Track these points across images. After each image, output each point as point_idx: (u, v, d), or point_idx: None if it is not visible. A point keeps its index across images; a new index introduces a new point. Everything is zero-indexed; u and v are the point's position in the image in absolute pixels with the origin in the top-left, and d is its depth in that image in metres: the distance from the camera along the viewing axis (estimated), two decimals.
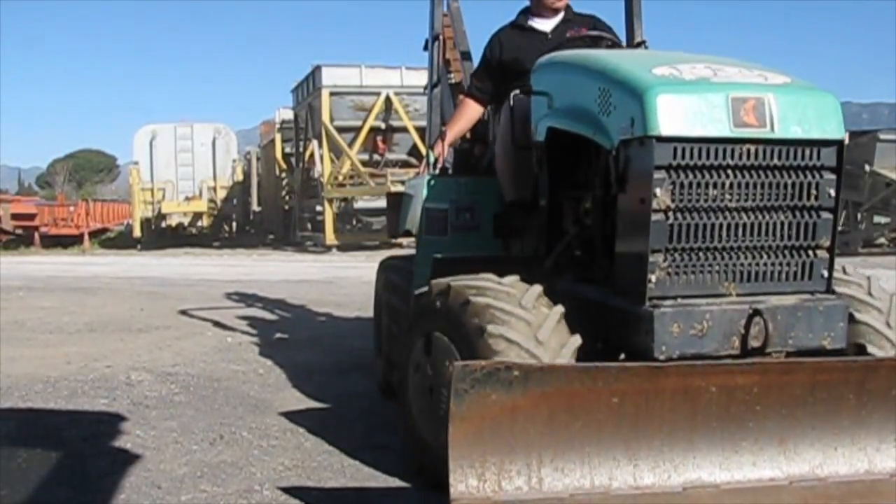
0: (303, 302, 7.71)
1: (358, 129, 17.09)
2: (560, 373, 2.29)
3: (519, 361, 2.36)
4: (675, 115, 2.49)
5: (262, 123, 26.00)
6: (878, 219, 15.73)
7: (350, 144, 17.04)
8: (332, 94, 16.82)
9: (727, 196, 2.55)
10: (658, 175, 2.49)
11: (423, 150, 17.39)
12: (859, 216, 15.54)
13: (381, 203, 22.49)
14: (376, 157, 18.05)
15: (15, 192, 50.96)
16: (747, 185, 2.56)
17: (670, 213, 2.52)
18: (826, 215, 2.63)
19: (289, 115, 21.13)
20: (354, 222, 19.44)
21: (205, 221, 21.50)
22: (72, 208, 22.95)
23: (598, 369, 2.32)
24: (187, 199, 21.03)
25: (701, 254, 2.57)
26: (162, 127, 21.54)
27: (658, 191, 2.49)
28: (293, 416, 3.63)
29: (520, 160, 3.37)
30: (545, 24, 3.74)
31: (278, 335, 5.86)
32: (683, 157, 2.51)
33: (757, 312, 2.52)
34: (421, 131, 17.91)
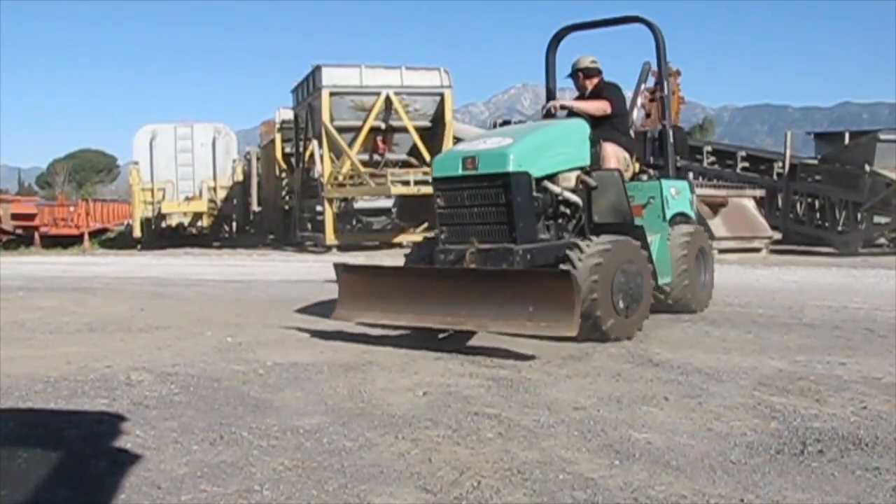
0: (303, 302, 7.71)
1: (358, 129, 17.11)
2: (362, 269, 5.94)
3: (346, 263, 5.93)
4: (440, 166, 5.69)
5: (262, 123, 26.01)
6: (878, 219, 15.67)
7: (350, 144, 17.05)
8: (332, 94, 16.84)
9: (466, 200, 5.50)
10: (437, 192, 5.65)
11: (423, 150, 17.48)
12: (859, 216, 15.52)
13: (381, 203, 22.60)
14: (376, 157, 18.06)
15: (15, 192, 50.96)
16: (474, 195, 5.46)
17: (443, 209, 5.63)
18: (507, 208, 5.32)
19: (289, 115, 21.13)
20: (354, 222, 19.46)
21: (205, 221, 21.51)
22: (72, 208, 22.98)
23: (380, 268, 6.07)
24: (187, 199, 21.05)
25: (458, 227, 5.57)
26: (162, 127, 21.56)
27: (439, 200, 5.62)
28: (293, 416, 3.63)
29: None
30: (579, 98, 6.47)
31: (278, 335, 5.86)
32: (446, 184, 5.58)
33: (470, 251, 5.36)
34: (421, 132, 17.92)
